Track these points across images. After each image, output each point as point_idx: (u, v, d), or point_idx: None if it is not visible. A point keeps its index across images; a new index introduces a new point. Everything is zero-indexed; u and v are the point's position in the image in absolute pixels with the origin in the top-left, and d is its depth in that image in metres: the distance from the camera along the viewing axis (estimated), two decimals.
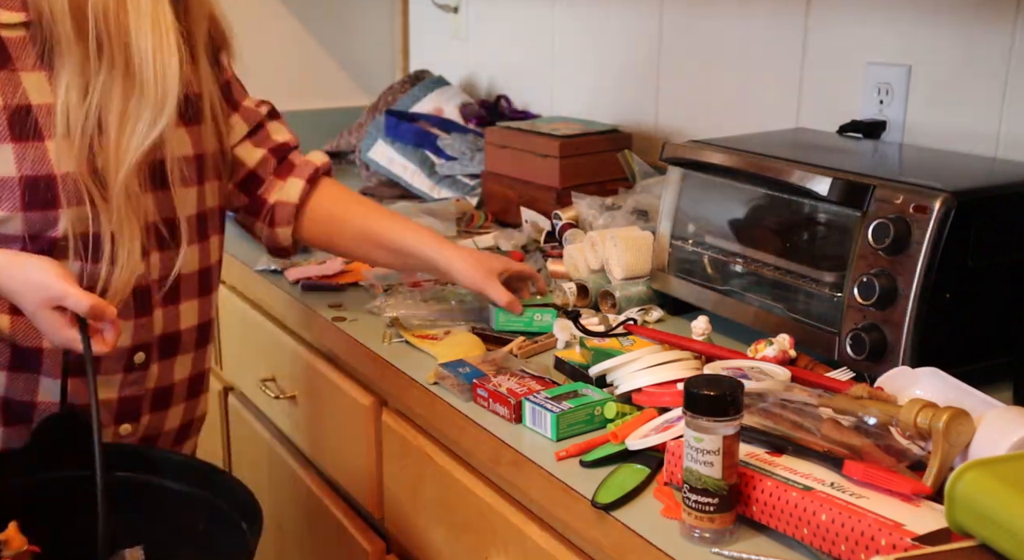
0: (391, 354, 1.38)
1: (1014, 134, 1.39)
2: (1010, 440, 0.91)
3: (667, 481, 1.01)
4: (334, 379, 1.53)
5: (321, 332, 1.53)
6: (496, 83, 2.46)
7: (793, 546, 0.92)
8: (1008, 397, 1.14)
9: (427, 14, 2.66)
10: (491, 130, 2.02)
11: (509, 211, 1.96)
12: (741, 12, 1.77)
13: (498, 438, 1.14)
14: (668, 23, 1.93)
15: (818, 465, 0.95)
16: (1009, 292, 1.18)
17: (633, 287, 1.48)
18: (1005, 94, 1.39)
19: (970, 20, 1.42)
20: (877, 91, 1.54)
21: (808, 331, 1.23)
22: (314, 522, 1.69)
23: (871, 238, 1.14)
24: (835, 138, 1.50)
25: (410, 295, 1.54)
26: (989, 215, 1.14)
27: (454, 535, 1.27)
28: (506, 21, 2.39)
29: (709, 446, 0.90)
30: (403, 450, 1.37)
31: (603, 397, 1.16)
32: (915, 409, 0.91)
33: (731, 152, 1.34)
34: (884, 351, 1.14)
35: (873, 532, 0.83)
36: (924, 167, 1.35)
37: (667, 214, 1.43)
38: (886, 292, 1.12)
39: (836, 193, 1.17)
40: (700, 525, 0.92)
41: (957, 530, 0.80)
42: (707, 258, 1.38)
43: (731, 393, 0.90)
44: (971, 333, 1.17)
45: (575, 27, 2.16)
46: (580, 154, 1.89)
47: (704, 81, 1.87)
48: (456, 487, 1.25)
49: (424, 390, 1.28)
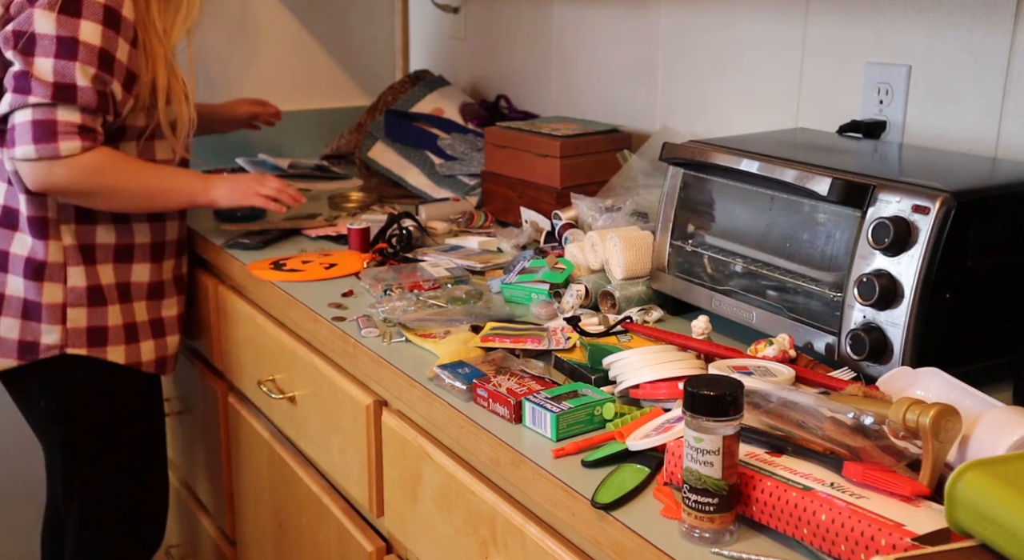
0: (391, 354, 1.38)
1: (1014, 134, 1.39)
2: (1009, 440, 0.91)
3: (667, 481, 1.01)
4: (334, 379, 1.53)
5: (321, 332, 1.53)
6: (496, 83, 2.46)
7: (793, 546, 0.92)
8: (1008, 397, 1.14)
9: (427, 14, 2.66)
10: (491, 130, 2.02)
11: (509, 211, 1.96)
12: (741, 12, 1.77)
13: (498, 438, 1.14)
14: (668, 23, 1.93)
15: (818, 465, 0.95)
16: (1009, 292, 1.18)
17: (633, 287, 1.48)
18: (1005, 94, 1.39)
19: (970, 20, 1.42)
20: (877, 91, 1.54)
21: (808, 331, 1.23)
22: (314, 522, 1.69)
23: (871, 238, 1.14)
24: (835, 138, 1.50)
25: (410, 295, 1.54)
26: (989, 215, 1.14)
27: (454, 535, 1.27)
28: (506, 21, 2.39)
29: (709, 446, 0.90)
30: (403, 450, 1.37)
31: (603, 397, 1.16)
32: (903, 408, 0.91)
33: (731, 152, 1.34)
34: (884, 351, 1.14)
35: (873, 532, 0.83)
36: (924, 167, 1.35)
37: (667, 214, 1.43)
38: (886, 292, 1.12)
39: (836, 193, 1.17)
40: (700, 525, 0.92)
41: (957, 530, 0.80)
42: (707, 258, 1.38)
43: (731, 393, 0.90)
44: (971, 333, 1.17)
45: (575, 27, 2.16)
46: (580, 154, 1.89)
47: (704, 81, 1.87)
48: (456, 487, 1.25)
49: (424, 390, 1.28)
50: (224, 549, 2.15)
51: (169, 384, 2.29)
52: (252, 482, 1.94)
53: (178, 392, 2.26)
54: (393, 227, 1.81)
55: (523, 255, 1.64)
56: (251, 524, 1.99)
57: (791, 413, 1.00)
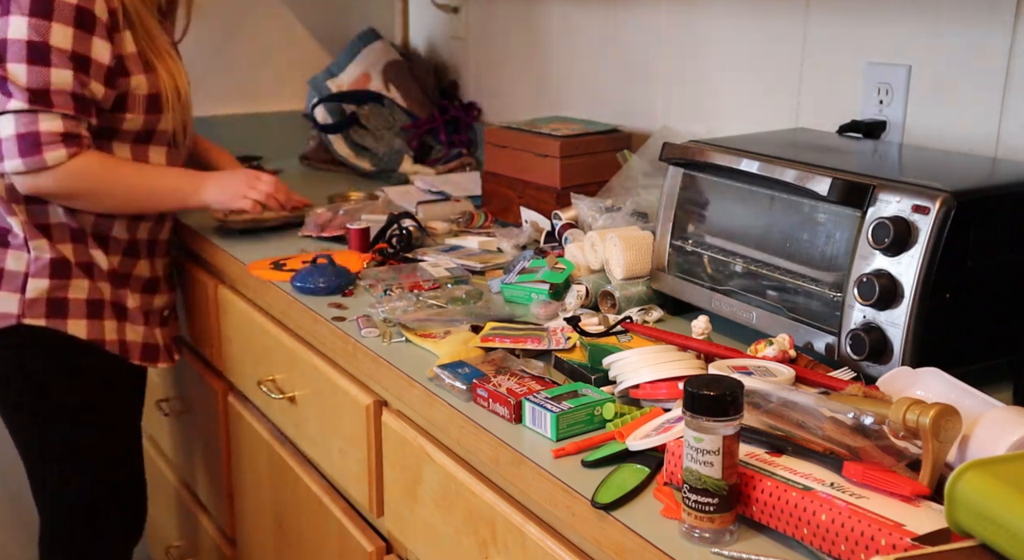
0: (391, 354, 1.38)
1: (1014, 134, 1.39)
2: (1009, 440, 0.91)
3: (667, 481, 1.01)
4: (334, 379, 1.53)
5: (321, 332, 1.53)
6: (496, 83, 2.46)
7: (793, 546, 0.92)
8: (1008, 397, 1.14)
9: (427, 14, 2.66)
10: (491, 130, 2.02)
11: (509, 211, 1.96)
12: (741, 12, 1.77)
13: (498, 438, 1.14)
14: (668, 23, 1.93)
15: (818, 465, 0.95)
16: (1009, 292, 1.18)
17: (633, 287, 1.48)
18: (1005, 94, 1.39)
19: (970, 20, 1.42)
20: (877, 91, 1.54)
21: (808, 331, 1.23)
22: (314, 522, 1.69)
23: (871, 238, 1.14)
24: (835, 138, 1.50)
25: (410, 296, 1.54)
26: (989, 215, 1.14)
27: (454, 535, 1.27)
28: (506, 21, 2.39)
29: (709, 446, 0.90)
30: (403, 450, 1.37)
31: (602, 397, 1.16)
32: (903, 408, 0.91)
33: (731, 152, 1.34)
34: (884, 351, 1.14)
35: (873, 532, 0.83)
36: (924, 167, 1.35)
37: (667, 214, 1.43)
38: (886, 292, 1.12)
39: (836, 193, 1.17)
40: (700, 525, 0.92)
41: (957, 530, 0.80)
42: (707, 258, 1.38)
43: (731, 393, 0.90)
44: (971, 333, 1.17)
45: (575, 27, 2.16)
46: (580, 154, 1.89)
47: (704, 81, 1.87)
48: (456, 487, 1.25)
49: (424, 390, 1.28)
50: (224, 549, 2.15)
51: (169, 384, 2.28)
52: (252, 482, 1.94)
53: (178, 392, 2.26)
54: (393, 227, 1.81)
55: (523, 255, 1.64)
56: (251, 524, 1.99)
57: (791, 413, 1.00)
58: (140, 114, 1.75)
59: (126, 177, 1.75)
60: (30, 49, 1.61)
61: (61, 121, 1.64)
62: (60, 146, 1.64)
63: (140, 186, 1.76)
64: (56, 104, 1.63)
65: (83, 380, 1.82)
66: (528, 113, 2.32)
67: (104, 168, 1.70)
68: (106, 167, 1.71)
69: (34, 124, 1.62)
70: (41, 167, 1.63)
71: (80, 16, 1.63)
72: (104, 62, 1.67)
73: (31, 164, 1.63)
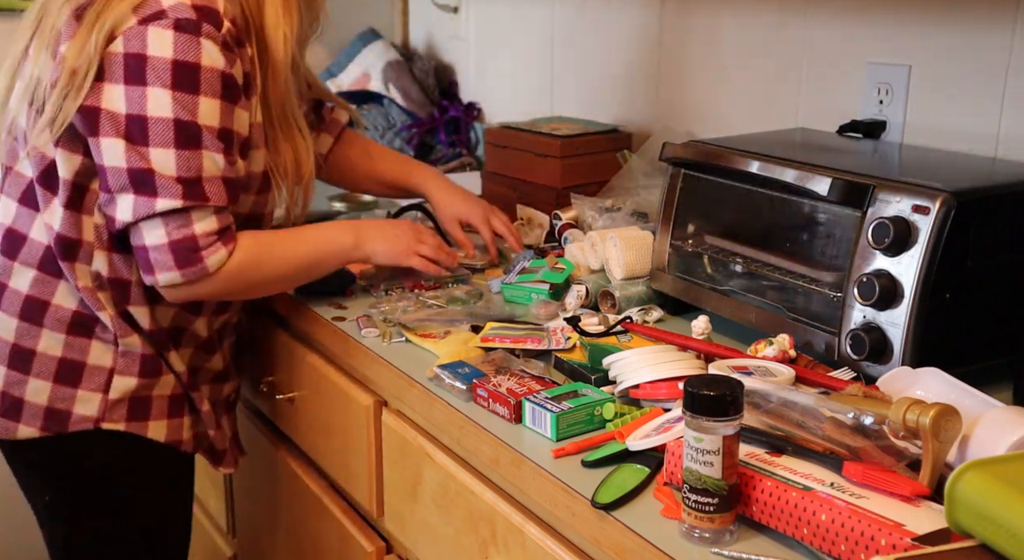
0: (391, 354, 1.38)
1: (1014, 134, 1.39)
2: (1009, 440, 0.91)
3: (667, 481, 1.01)
4: (334, 379, 1.53)
5: (321, 332, 1.53)
6: (496, 83, 2.46)
7: (793, 546, 0.92)
8: (1008, 397, 1.14)
9: (427, 14, 2.66)
10: (491, 130, 2.02)
11: (509, 211, 1.96)
12: (742, 12, 1.77)
13: (498, 438, 1.14)
14: (668, 23, 1.93)
15: (818, 465, 0.95)
16: (1009, 292, 1.18)
17: (633, 287, 1.48)
18: (1005, 94, 1.39)
19: (970, 20, 1.42)
20: (877, 91, 1.54)
21: (808, 331, 1.23)
22: (314, 522, 1.69)
23: (871, 238, 1.14)
24: (835, 138, 1.50)
25: (410, 296, 1.54)
26: (989, 215, 1.14)
27: (454, 535, 1.27)
28: (506, 21, 2.39)
29: (709, 446, 0.90)
30: (403, 450, 1.37)
31: (603, 397, 1.16)
32: (903, 408, 0.91)
33: (731, 152, 1.34)
34: (884, 351, 1.13)
35: (873, 532, 0.83)
36: (924, 167, 1.35)
37: (666, 214, 1.43)
38: (886, 292, 1.12)
39: (836, 193, 1.17)
40: (700, 525, 0.92)
41: (957, 530, 0.80)
42: (707, 258, 1.38)
43: (731, 393, 0.90)
44: (971, 333, 1.17)
45: (575, 27, 2.16)
46: (580, 154, 1.89)
47: (704, 81, 1.87)
48: (456, 487, 1.25)
49: (424, 390, 1.28)
50: (224, 549, 2.15)
51: None
52: (252, 482, 1.94)
53: None
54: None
55: (523, 255, 1.64)
56: (251, 524, 1.99)
57: (791, 413, 1.00)
58: (251, 194, 1.48)
59: (287, 254, 1.48)
60: (178, 130, 1.31)
61: (215, 218, 1.35)
62: (219, 245, 1.36)
63: (304, 257, 1.49)
64: (211, 197, 1.34)
65: (143, 476, 1.54)
66: (528, 113, 2.32)
67: (262, 253, 1.43)
68: (263, 251, 1.44)
69: (188, 226, 1.33)
70: (203, 275, 1.36)
71: (226, 85, 1.34)
72: (244, 134, 1.41)
73: (191, 275, 1.35)
